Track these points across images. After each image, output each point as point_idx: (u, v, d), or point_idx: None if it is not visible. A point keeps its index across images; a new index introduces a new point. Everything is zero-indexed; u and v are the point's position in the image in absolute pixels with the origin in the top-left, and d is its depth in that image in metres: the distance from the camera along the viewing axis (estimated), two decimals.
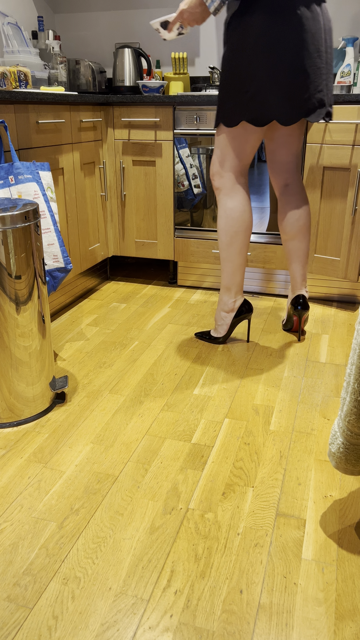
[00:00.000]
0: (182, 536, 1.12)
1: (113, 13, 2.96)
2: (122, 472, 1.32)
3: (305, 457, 1.38)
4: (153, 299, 2.51)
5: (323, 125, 2.19)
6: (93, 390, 1.70)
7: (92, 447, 1.41)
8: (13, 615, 0.95)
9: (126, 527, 1.15)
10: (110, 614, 0.95)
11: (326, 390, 1.70)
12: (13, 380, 1.47)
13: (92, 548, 1.09)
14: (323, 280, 2.48)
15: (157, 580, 1.02)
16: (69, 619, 0.94)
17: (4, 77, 2.00)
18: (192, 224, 2.54)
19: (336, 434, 1.04)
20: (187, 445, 1.42)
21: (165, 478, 1.30)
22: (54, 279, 1.83)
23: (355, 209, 2.21)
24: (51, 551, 1.08)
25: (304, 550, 1.09)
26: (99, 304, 2.44)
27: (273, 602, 0.98)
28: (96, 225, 2.53)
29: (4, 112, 1.76)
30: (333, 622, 0.94)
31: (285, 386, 1.73)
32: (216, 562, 1.06)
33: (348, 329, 2.18)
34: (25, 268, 1.41)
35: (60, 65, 2.71)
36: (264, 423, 1.53)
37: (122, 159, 2.53)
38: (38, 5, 2.89)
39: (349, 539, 1.12)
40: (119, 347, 1.99)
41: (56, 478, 1.29)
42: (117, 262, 3.11)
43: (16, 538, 1.12)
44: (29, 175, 1.74)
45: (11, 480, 1.29)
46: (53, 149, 2.07)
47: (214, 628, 0.93)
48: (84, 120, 2.26)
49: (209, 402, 1.64)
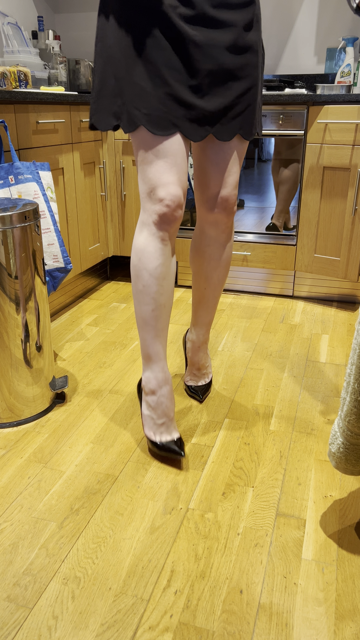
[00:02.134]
0: (182, 536, 1.12)
1: None
2: (122, 472, 1.32)
3: (305, 457, 1.38)
4: None
5: (323, 125, 2.19)
6: (93, 390, 1.70)
7: (92, 447, 1.41)
8: (13, 615, 0.95)
9: (126, 527, 1.15)
10: (110, 614, 0.95)
11: (326, 390, 1.70)
12: (13, 380, 1.47)
13: (92, 548, 1.09)
14: (323, 280, 2.48)
15: (157, 580, 1.02)
16: (69, 619, 0.94)
17: (4, 77, 2.00)
18: (192, 224, 2.54)
19: (336, 434, 1.04)
20: (187, 446, 1.42)
21: (165, 478, 1.30)
22: (54, 279, 1.83)
23: (355, 209, 2.21)
24: (51, 551, 1.08)
25: (304, 550, 1.09)
26: (99, 304, 2.44)
27: (273, 602, 0.98)
28: (96, 225, 2.53)
29: (4, 112, 1.76)
30: (333, 622, 0.94)
31: (285, 386, 1.73)
32: (216, 562, 1.06)
33: (348, 329, 2.18)
34: (25, 268, 1.41)
35: (60, 65, 2.71)
36: (264, 423, 1.53)
37: (122, 159, 2.53)
38: (38, 5, 2.89)
39: (349, 539, 1.12)
40: (119, 347, 1.99)
41: (56, 478, 1.29)
42: (117, 262, 3.11)
43: (16, 538, 1.12)
44: (29, 175, 1.74)
45: (11, 480, 1.29)
46: (53, 149, 2.07)
47: (214, 628, 0.93)
48: (84, 120, 2.26)
49: (209, 402, 1.64)
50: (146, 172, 1.22)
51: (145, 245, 1.26)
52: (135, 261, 1.28)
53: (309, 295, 2.53)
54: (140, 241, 1.27)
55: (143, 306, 1.30)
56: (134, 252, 1.29)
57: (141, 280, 1.28)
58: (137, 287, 1.29)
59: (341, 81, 2.49)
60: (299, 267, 2.43)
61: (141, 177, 1.24)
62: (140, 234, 1.28)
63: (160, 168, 1.21)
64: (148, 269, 1.26)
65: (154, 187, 1.22)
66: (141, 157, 1.23)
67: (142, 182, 1.24)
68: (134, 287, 1.30)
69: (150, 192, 1.23)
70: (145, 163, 1.22)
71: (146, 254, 1.26)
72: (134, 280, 1.30)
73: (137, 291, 1.30)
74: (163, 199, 1.22)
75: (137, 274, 1.28)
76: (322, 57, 2.73)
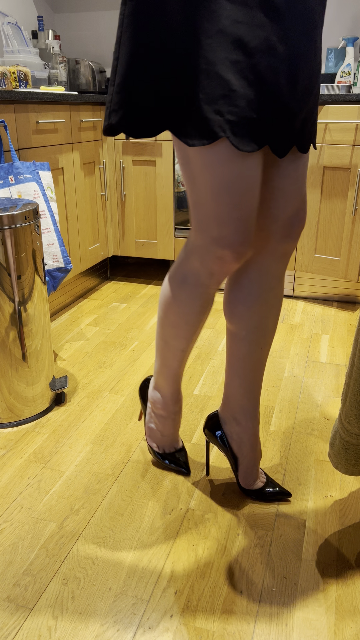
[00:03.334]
0: (182, 536, 1.12)
1: (113, 13, 2.96)
2: (122, 472, 1.32)
3: (305, 457, 1.38)
4: (153, 299, 2.51)
5: (323, 125, 2.19)
6: (93, 391, 1.70)
7: (92, 447, 1.41)
8: (13, 615, 0.95)
9: (126, 528, 1.14)
10: (110, 614, 0.95)
11: (326, 390, 1.70)
12: (13, 380, 1.47)
13: (92, 548, 1.09)
14: (323, 280, 2.48)
15: (157, 581, 1.02)
16: (69, 619, 0.94)
17: (4, 77, 2.00)
18: None
19: (336, 434, 1.04)
20: (187, 446, 1.42)
21: (165, 478, 1.29)
22: (54, 279, 1.83)
23: (356, 208, 2.21)
24: (51, 551, 1.08)
25: (304, 550, 1.09)
26: (99, 304, 2.44)
27: (273, 602, 0.98)
28: (96, 225, 2.53)
29: (4, 112, 1.76)
30: (333, 622, 0.94)
31: (285, 386, 1.73)
32: (216, 562, 1.06)
33: (348, 329, 2.18)
34: (25, 268, 1.41)
35: (60, 65, 2.71)
36: (264, 423, 1.53)
37: (122, 159, 2.53)
38: (38, 4, 2.89)
39: (349, 539, 1.12)
40: (119, 347, 1.99)
41: (56, 478, 1.29)
42: (117, 262, 3.11)
43: (16, 538, 1.12)
44: (29, 175, 1.74)
45: (11, 481, 1.29)
46: (53, 148, 2.07)
47: (214, 628, 0.93)
48: (83, 120, 2.26)
49: (209, 402, 1.63)
50: (210, 203, 0.91)
51: (188, 294, 1.06)
52: (170, 298, 1.08)
53: (309, 295, 2.53)
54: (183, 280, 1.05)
55: (178, 340, 1.13)
56: (173, 281, 1.07)
57: (176, 319, 1.10)
58: (169, 320, 1.11)
59: (341, 81, 2.48)
60: (299, 267, 2.43)
61: (205, 207, 0.92)
62: (187, 263, 1.03)
63: (234, 200, 0.90)
64: (182, 319, 1.09)
65: (223, 223, 0.92)
66: (208, 181, 0.89)
67: (206, 216, 0.93)
68: (165, 318, 1.12)
69: (213, 230, 0.93)
70: (212, 190, 0.90)
71: (186, 301, 1.06)
72: (166, 315, 1.11)
73: (169, 323, 1.12)
74: (231, 244, 0.93)
75: (174, 318, 1.10)
76: (322, 57, 2.73)
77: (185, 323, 1.10)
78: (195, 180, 0.91)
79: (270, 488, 1.23)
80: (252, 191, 0.90)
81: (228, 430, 1.18)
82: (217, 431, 1.20)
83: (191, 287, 1.05)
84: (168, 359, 1.17)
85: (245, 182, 0.88)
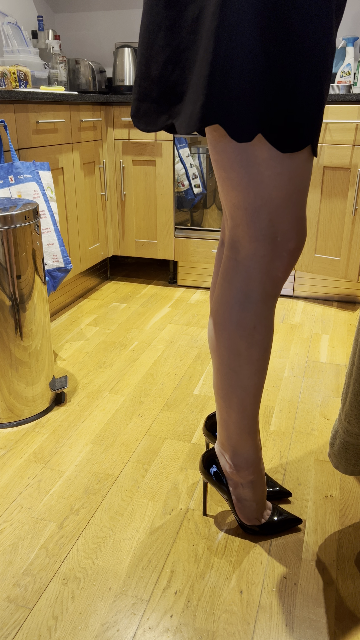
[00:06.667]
0: (182, 536, 1.12)
1: (113, 13, 2.96)
2: (122, 472, 1.32)
3: (305, 457, 1.38)
4: (153, 299, 2.51)
5: (323, 125, 2.19)
6: (93, 391, 1.70)
7: (92, 447, 1.41)
8: (13, 615, 0.95)
9: (126, 528, 1.14)
10: (110, 614, 0.95)
11: (326, 390, 1.70)
12: (13, 380, 1.47)
13: (92, 548, 1.09)
14: (323, 280, 2.48)
15: (157, 581, 1.02)
16: (69, 619, 0.94)
17: (4, 77, 2.00)
18: (192, 224, 2.54)
19: (336, 434, 1.04)
20: (187, 446, 1.42)
21: (165, 478, 1.29)
22: (54, 278, 1.83)
23: (356, 208, 2.21)
24: (51, 551, 1.08)
25: (304, 551, 1.09)
26: (99, 304, 2.44)
27: (273, 602, 0.98)
28: (96, 225, 2.53)
29: (4, 111, 1.76)
30: (333, 622, 0.94)
31: (285, 386, 1.73)
32: (216, 562, 1.06)
33: (348, 329, 2.18)
34: (25, 268, 1.41)
35: (60, 65, 2.71)
36: (264, 423, 1.52)
37: (122, 159, 2.53)
38: (38, 4, 2.89)
39: (349, 539, 1.12)
40: (119, 347, 1.99)
41: (56, 478, 1.29)
42: (117, 262, 3.11)
43: (16, 538, 1.12)
44: (29, 175, 1.74)
45: (11, 481, 1.29)
46: (53, 148, 2.07)
47: (214, 628, 0.93)
48: (83, 120, 2.26)
49: (209, 402, 1.63)
50: (287, 205, 0.87)
51: (268, 312, 0.94)
52: (236, 338, 0.95)
53: (309, 295, 2.53)
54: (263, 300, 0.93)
55: (258, 375, 0.98)
56: (232, 311, 0.94)
57: (268, 351, 0.97)
58: (243, 358, 0.96)
59: (341, 81, 2.48)
60: (299, 267, 2.43)
61: (277, 211, 0.87)
62: (243, 283, 0.92)
63: (305, 199, 0.88)
64: (258, 347, 0.96)
65: (299, 225, 0.89)
66: (284, 184, 0.85)
67: (278, 221, 0.87)
68: (235, 360, 0.97)
69: (288, 233, 0.88)
70: (287, 193, 0.86)
71: (258, 326, 0.94)
72: (237, 355, 0.96)
73: (245, 362, 0.96)
74: (298, 247, 0.89)
75: (267, 346, 0.97)
76: None
77: (264, 350, 0.96)
78: (262, 185, 0.85)
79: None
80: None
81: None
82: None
83: (260, 304, 0.93)
84: (247, 409, 0.99)
85: (309, 180, 0.88)
